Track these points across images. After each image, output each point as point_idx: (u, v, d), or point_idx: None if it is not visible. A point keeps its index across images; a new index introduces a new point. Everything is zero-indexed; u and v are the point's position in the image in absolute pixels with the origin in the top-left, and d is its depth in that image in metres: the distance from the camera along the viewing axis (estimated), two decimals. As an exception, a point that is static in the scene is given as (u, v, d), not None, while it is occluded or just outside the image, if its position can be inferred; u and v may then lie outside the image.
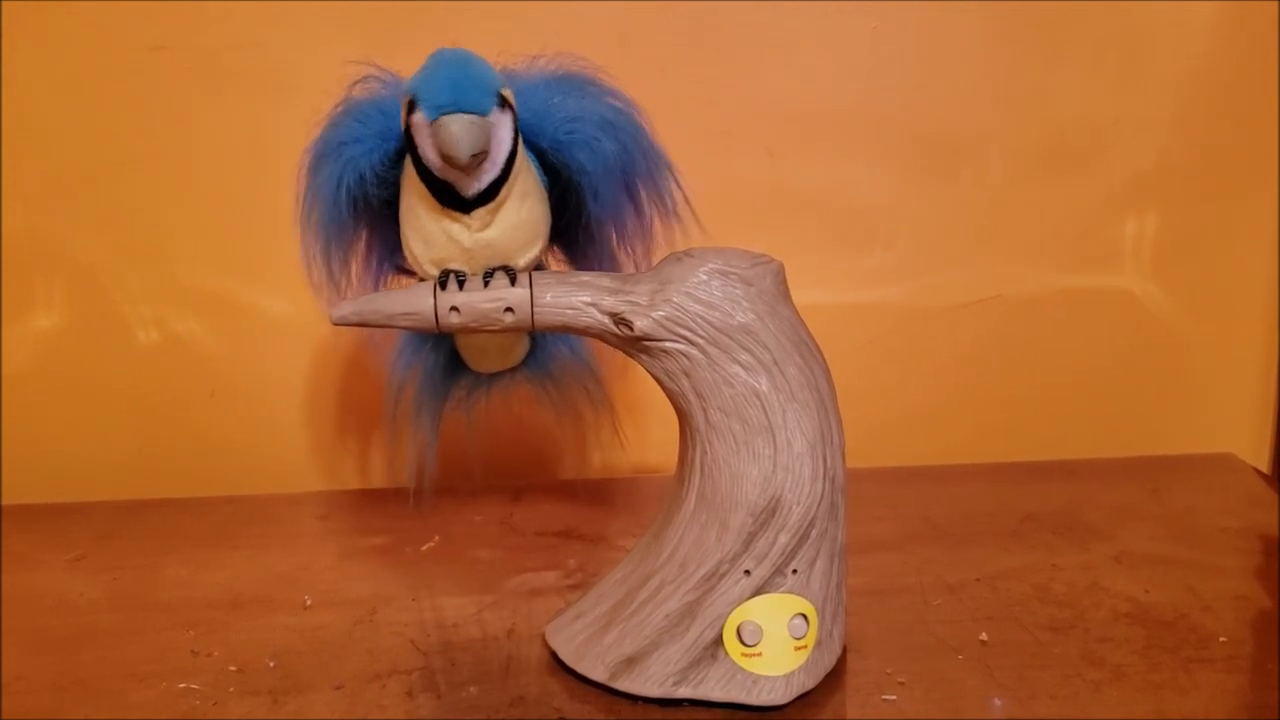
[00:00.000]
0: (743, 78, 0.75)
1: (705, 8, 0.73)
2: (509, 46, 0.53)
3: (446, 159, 0.46)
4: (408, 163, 0.49)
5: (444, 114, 0.45)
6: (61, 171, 0.75)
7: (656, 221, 0.55)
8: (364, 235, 0.55)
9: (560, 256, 0.59)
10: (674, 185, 0.55)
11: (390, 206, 0.53)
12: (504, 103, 0.47)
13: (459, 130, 0.45)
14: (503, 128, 0.47)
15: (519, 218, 0.50)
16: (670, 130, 0.54)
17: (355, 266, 0.56)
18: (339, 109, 0.52)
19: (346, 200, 0.51)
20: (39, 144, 0.74)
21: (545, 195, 0.53)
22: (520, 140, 0.49)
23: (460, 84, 0.45)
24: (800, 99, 0.76)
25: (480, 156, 0.46)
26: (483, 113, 0.46)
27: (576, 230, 0.55)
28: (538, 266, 0.54)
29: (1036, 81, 0.76)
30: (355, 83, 0.52)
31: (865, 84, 0.76)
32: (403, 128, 0.48)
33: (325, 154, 0.51)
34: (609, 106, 0.52)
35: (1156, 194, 0.78)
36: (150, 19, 0.72)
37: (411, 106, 0.47)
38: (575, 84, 0.52)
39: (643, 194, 0.54)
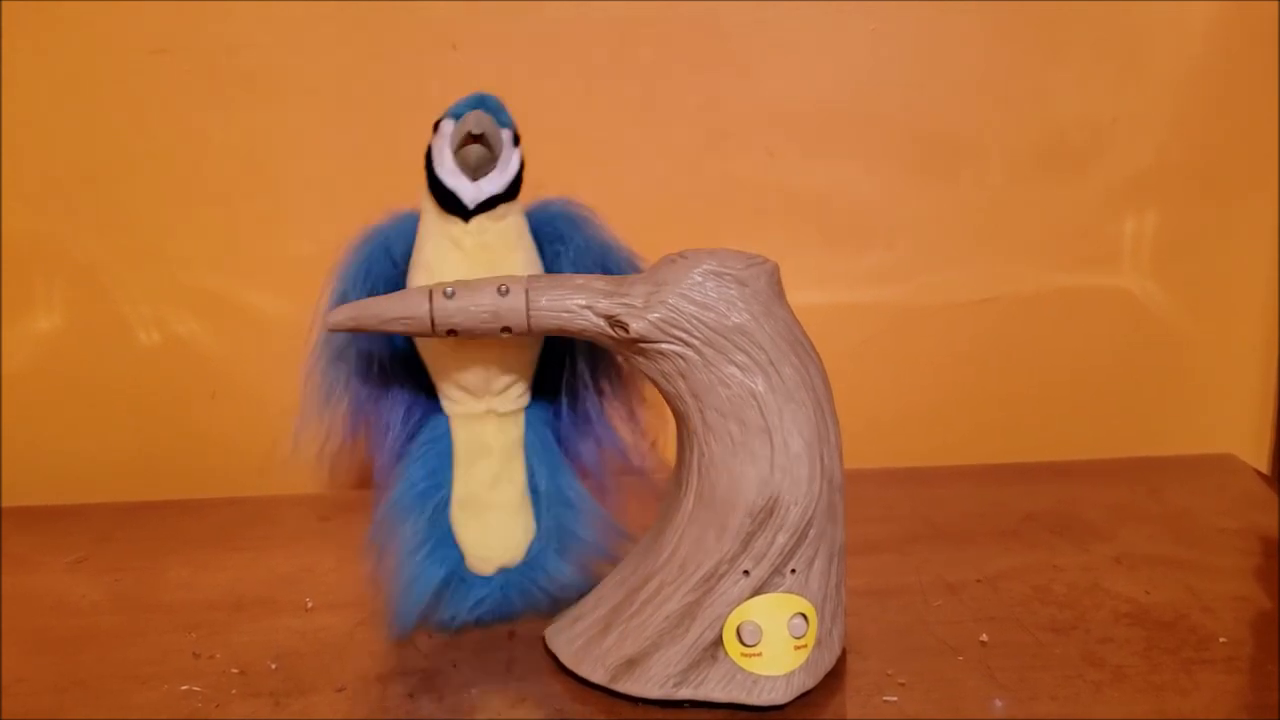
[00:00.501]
0: (742, 78, 0.75)
1: (704, 8, 0.74)
2: (506, 48, 0.53)
3: (465, 140, 0.50)
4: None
5: (471, 112, 0.50)
6: (62, 173, 0.75)
7: None
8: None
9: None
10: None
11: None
12: (516, 141, 0.52)
13: (479, 116, 0.50)
14: (511, 150, 0.52)
15: (518, 227, 0.52)
16: (670, 131, 0.54)
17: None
18: (347, 260, 0.54)
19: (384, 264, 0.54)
20: (39, 145, 0.74)
21: None
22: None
23: (485, 103, 0.51)
24: (800, 99, 0.76)
25: (490, 164, 0.50)
26: (500, 124, 0.51)
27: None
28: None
29: (1036, 81, 0.76)
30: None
31: (864, 84, 0.76)
32: (426, 155, 0.52)
33: (359, 243, 0.54)
34: (575, 211, 0.56)
35: (1155, 193, 0.78)
36: (150, 21, 0.72)
37: (437, 126, 0.51)
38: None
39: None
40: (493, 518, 0.55)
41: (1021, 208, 0.78)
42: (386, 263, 0.53)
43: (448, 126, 0.51)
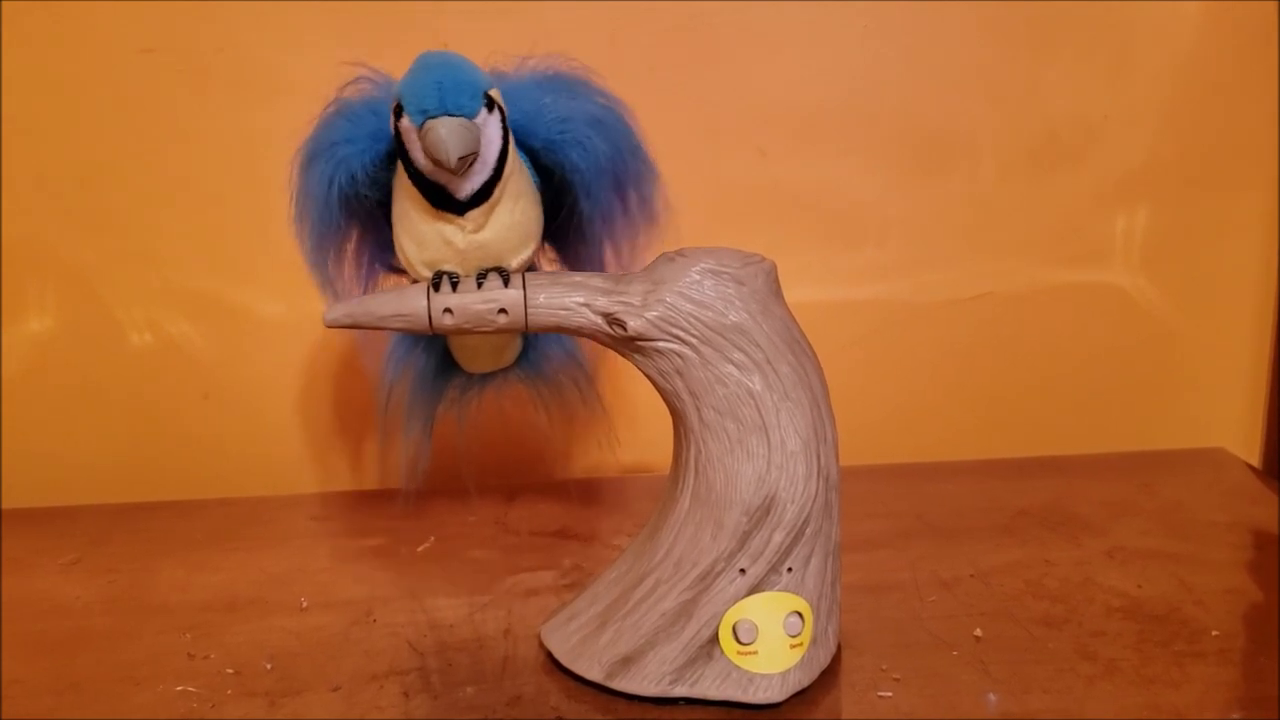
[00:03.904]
0: (734, 77, 0.75)
1: (696, 7, 0.74)
2: (498, 46, 0.53)
3: (435, 163, 0.46)
4: (399, 165, 0.50)
5: (430, 118, 0.45)
6: (52, 174, 0.75)
7: (641, 221, 0.56)
8: (355, 235, 0.55)
9: (552, 255, 0.59)
10: (657, 186, 0.55)
11: (382, 207, 0.53)
12: (491, 104, 0.47)
13: (446, 134, 0.45)
14: (491, 128, 0.48)
15: (512, 219, 0.50)
16: (661, 130, 0.54)
17: (347, 265, 0.56)
18: (331, 109, 0.52)
19: (338, 199, 0.51)
20: (29, 147, 0.74)
21: (538, 196, 0.53)
22: (511, 140, 0.49)
23: (446, 87, 0.46)
24: (792, 97, 0.76)
25: (469, 159, 0.46)
26: (470, 115, 0.46)
27: (569, 229, 0.55)
28: (530, 267, 0.54)
29: (1027, 78, 0.76)
30: (347, 84, 0.52)
31: (856, 82, 0.76)
32: (392, 132, 0.48)
33: (317, 153, 0.51)
34: (598, 106, 0.52)
35: (1147, 189, 0.79)
36: (139, 21, 0.72)
37: (399, 111, 0.47)
38: (564, 84, 0.52)
39: (630, 194, 0.54)
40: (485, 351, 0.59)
41: (1013, 204, 0.78)
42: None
43: (410, 127, 0.46)
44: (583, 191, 0.52)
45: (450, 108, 0.46)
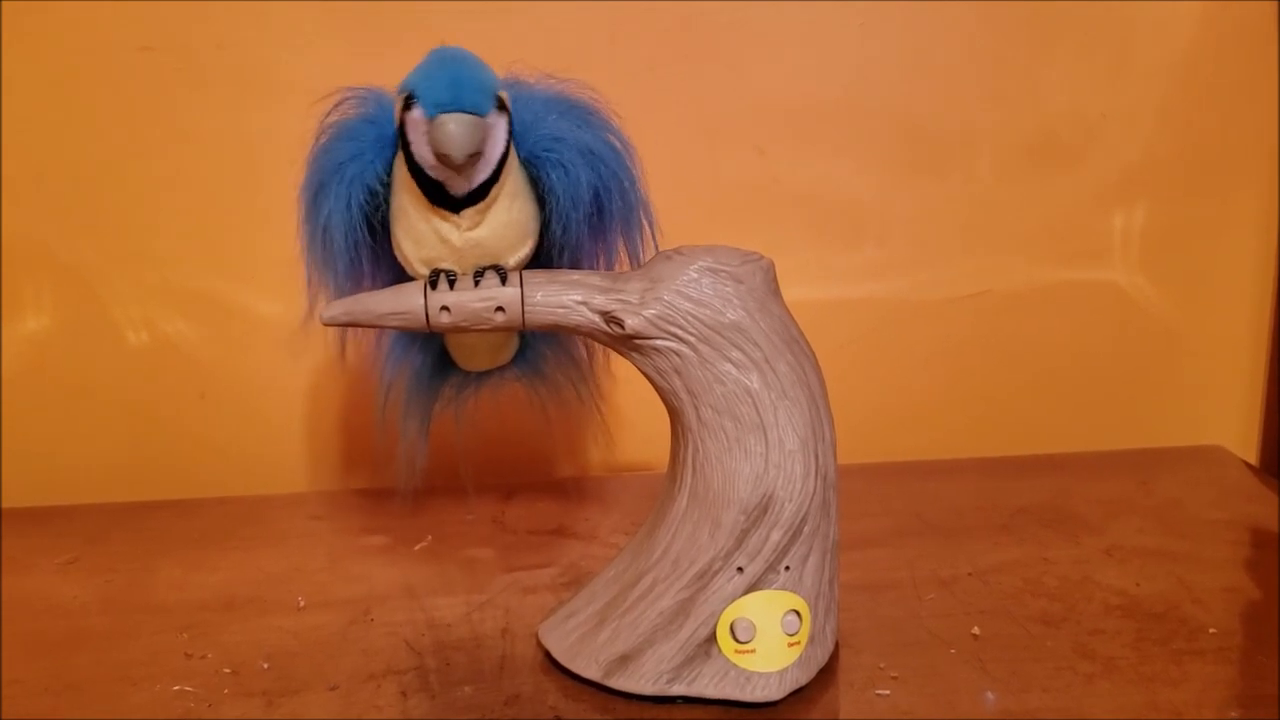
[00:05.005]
0: (732, 75, 0.75)
1: (694, 6, 0.74)
2: (497, 46, 0.53)
3: (441, 158, 0.46)
4: (398, 162, 0.49)
5: (443, 112, 0.45)
6: (51, 174, 0.75)
7: (625, 265, 0.55)
8: (374, 253, 0.55)
9: None
10: (650, 235, 0.54)
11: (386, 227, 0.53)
12: (501, 105, 0.47)
13: (456, 129, 0.45)
14: (498, 130, 0.48)
15: (509, 217, 0.50)
16: (660, 129, 0.54)
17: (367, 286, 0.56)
18: (326, 134, 0.51)
19: (361, 219, 0.51)
20: (26, 145, 0.74)
21: (535, 195, 0.53)
22: (512, 142, 0.49)
23: (461, 83, 0.46)
24: (789, 96, 0.76)
25: (475, 157, 0.46)
26: (481, 113, 0.46)
27: (541, 256, 0.55)
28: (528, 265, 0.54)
29: (1025, 76, 0.76)
30: (333, 106, 0.51)
31: (854, 80, 0.76)
32: (396, 124, 0.48)
33: (327, 181, 0.50)
34: (598, 139, 0.51)
35: (1145, 187, 0.79)
36: (138, 19, 0.72)
37: (408, 103, 0.47)
38: (575, 109, 0.52)
39: (616, 236, 0.54)
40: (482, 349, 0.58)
41: (1012, 203, 0.78)
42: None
43: (419, 120, 0.46)
44: (556, 217, 0.51)
45: (465, 104, 0.46)
